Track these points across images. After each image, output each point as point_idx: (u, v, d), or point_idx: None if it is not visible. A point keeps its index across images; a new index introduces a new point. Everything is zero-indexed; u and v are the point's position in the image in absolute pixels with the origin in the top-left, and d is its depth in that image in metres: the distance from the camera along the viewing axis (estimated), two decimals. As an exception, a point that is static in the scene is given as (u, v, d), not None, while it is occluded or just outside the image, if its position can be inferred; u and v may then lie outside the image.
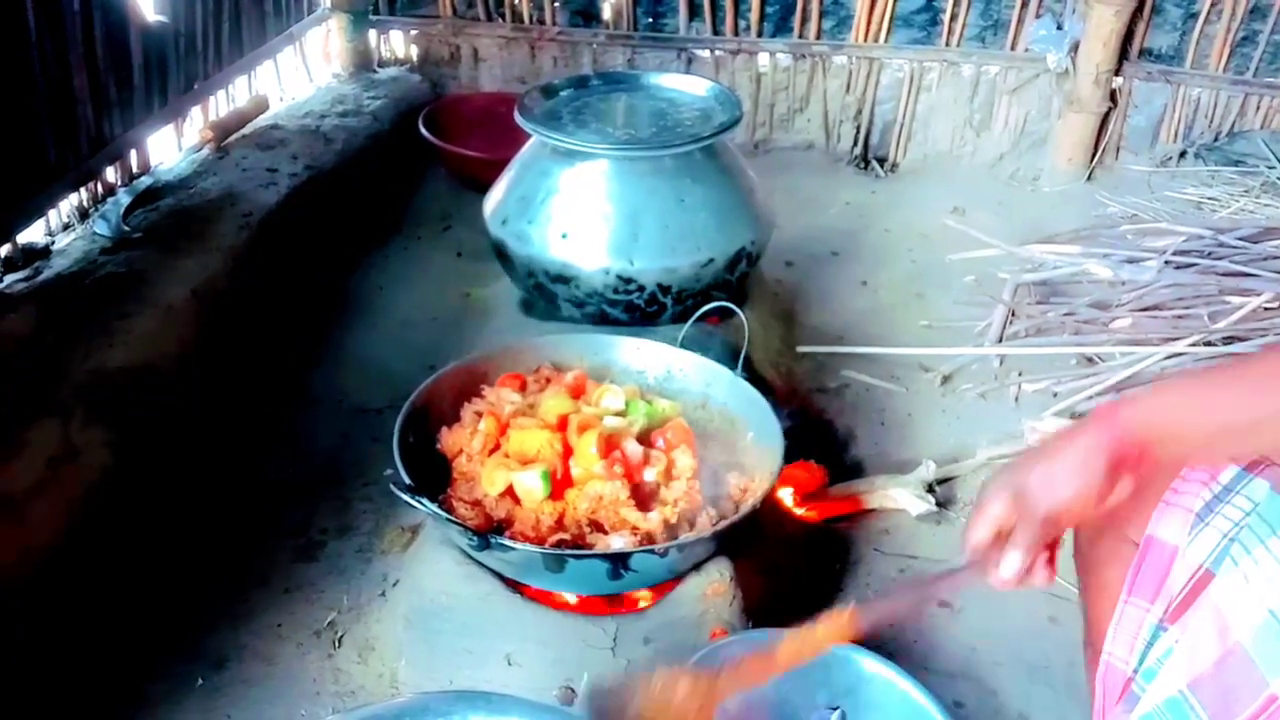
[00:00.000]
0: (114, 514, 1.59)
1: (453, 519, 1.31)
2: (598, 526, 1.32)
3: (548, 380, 1.57)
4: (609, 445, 1.36)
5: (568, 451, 1.38)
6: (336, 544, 1.67)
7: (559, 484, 1.35)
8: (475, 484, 1.38)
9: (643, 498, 1.36)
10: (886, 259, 2.60)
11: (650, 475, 1.37)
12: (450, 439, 1.45)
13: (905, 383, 2.10)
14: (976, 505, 0.95)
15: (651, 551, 1.28)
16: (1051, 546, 0.93)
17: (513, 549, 1.28)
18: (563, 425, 1.41)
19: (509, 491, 1.35)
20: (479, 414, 1.47)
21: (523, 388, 1.55)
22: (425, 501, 1.30)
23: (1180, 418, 0.91)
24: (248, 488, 1.78)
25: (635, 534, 1.31)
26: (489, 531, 1.31)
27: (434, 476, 1.43)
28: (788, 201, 2.71)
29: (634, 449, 1.37)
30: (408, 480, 1.33)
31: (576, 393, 1.51)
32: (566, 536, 1.31)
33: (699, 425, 1.53)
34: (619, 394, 1.50)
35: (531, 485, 1.33)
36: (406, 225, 2.64)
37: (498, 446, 1.42)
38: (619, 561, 1.27)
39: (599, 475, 1.33)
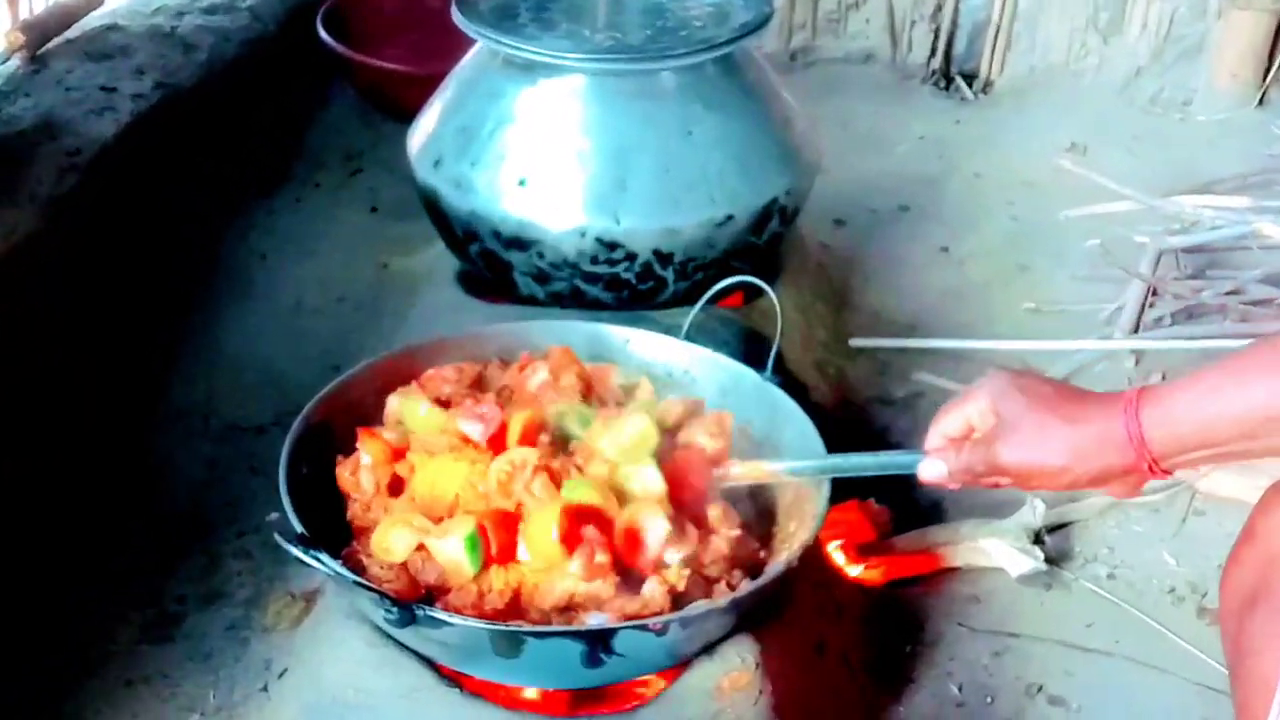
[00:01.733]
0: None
1: (363, 582, 1.31)
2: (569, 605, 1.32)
3: (474, 380, 1.54)
4: (573, 524, 1.31)
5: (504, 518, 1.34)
6: (200, 617, 1.67)
7: (500, 546, 1.32)
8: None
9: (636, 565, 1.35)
10: (977, 216, 2.61)
11: (674, 557, 1.33)
12: (344, 473, 1.45)
13: (1002, 390, 2.10)
14: (966, 392, 1.22)
15: (643, 628, 1.28)
16: (994, 484, 1.22)
17: (448, 624, 1.27)
18: (498, 442, 1.39)
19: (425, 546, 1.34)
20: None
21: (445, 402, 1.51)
22: (324, 558, 1.30)
23: (1214, 425, 1.07)
24: (74, 538, 1.77)
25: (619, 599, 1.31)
26: (415, 601, 1.30)
27: (339, 522, 1.43)
28: (838, 135, 2.72)
29: (656, 532, 1.32)
30: (300, 528, 1.33)
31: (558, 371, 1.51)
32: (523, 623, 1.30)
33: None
34: (646, 388, 1.53)
35: (454, 555, 1.31)
36: (300, 167, 2.64)
37: (400, 486, 1.42)
38: (598, 642, 1.27)
39: (571, 573, 1.30)
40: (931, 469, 1.24)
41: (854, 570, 1.75)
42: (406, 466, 1.43)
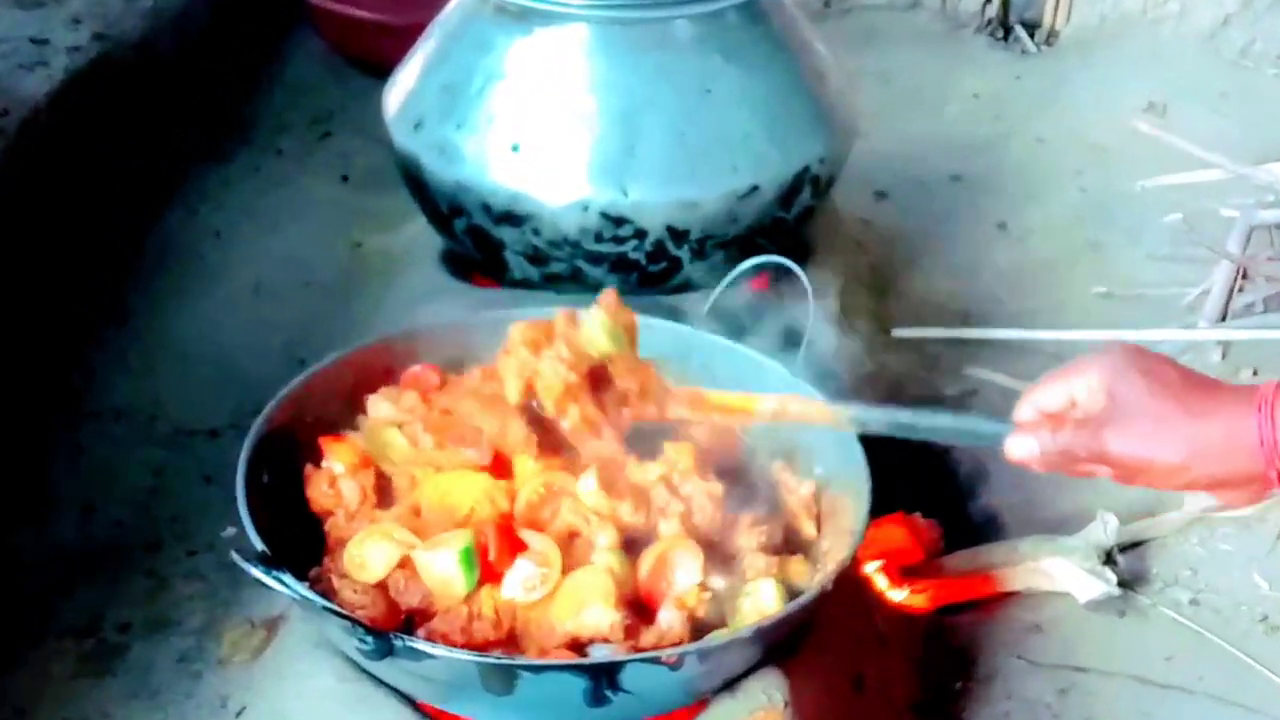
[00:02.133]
0: None
1: (333, 608, 1.31)
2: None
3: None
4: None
5: (504, 520, 1.37)
6: (145, 648, 1.68)
7: (500, 558, 1.34)
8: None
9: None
10: (1039, 186, 2.60)
11: (692, 579, 1.37)
12: (318, 485, 1.46)
13: (1069, 387, 2.10)
14: (1070, 366, 1.20)
15: (655, 661, 1.28)
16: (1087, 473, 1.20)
17: (430, 656, 1.28)
18: (499, 467, 1.41)
19: (409, 562, 1.35)
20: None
21: (437, 389, 1.54)
22: (288, 580, 1.30)
23: None
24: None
25: (631, 639, 1.32)
26: (393, 629, 1.31)
27: (306, 539, 1.43)
28: (880, 93, 2.72)
29: (687, 575, 1.35)
30: (260, 545, 1.33)
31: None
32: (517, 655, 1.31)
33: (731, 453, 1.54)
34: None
35: (445, 571, 1.33)
36: (260, 130, 2.65)
37: (385, 498, 1.43)
38: (603, 677, 1.27)
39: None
40: (1021, 446, 1.21)
41: (897, 595, 1.75)
42: (406, 478, 1.43)
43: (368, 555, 1.35)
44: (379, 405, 1.50)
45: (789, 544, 1.47)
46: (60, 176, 2.21)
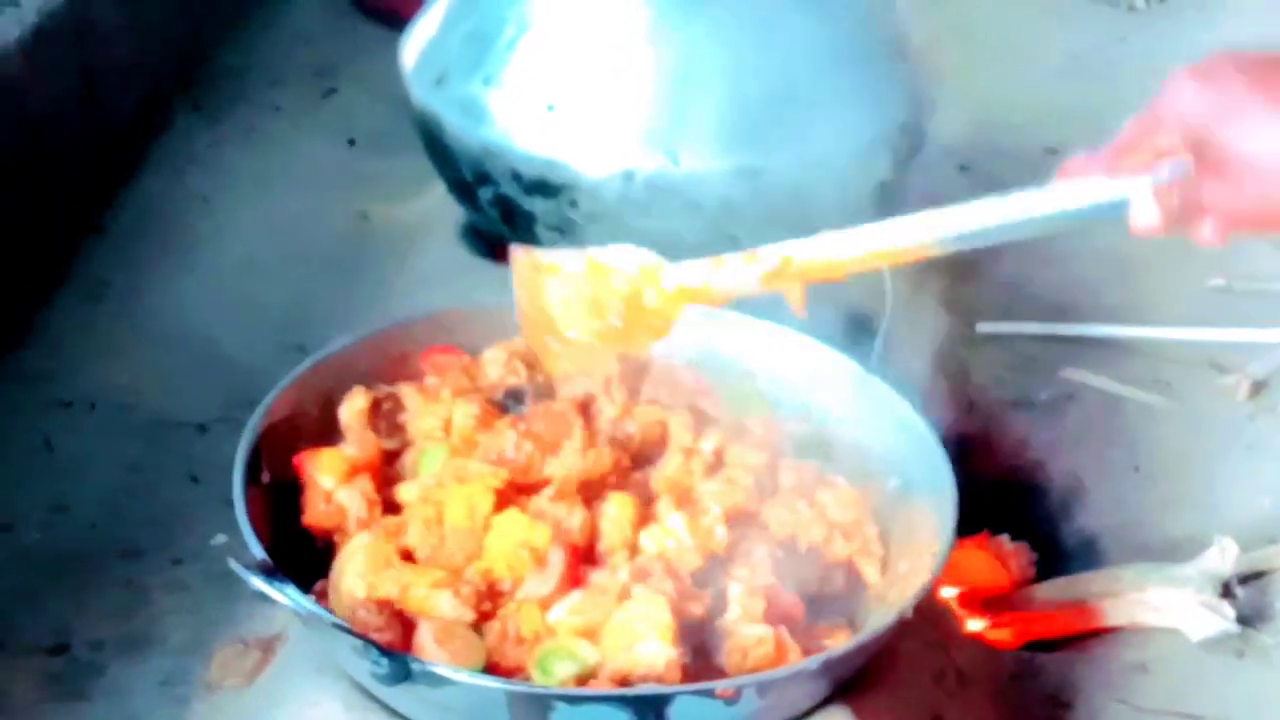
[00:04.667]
0: None
1: (343, 624, 1.32)
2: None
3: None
4: None
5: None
6: (122, 668, 1.69)
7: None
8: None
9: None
10: (1148, 162, 2.60)
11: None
12: (314, 506, 1.46)
13: (1180, 393, 2.11)
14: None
15: (708, 693, 1.29)
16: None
17: (451, 682, 1.29)
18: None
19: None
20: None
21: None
22: (293, 592, 1.31)
23: None
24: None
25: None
26: (410, 650, 1.32)
27: (309, 547, 1.44)
28: (964, 52, 2.70)
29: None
30: (260, 554, 1.34)
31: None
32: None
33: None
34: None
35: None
36: (255, 84, 2.66)
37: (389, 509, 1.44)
38: (649, 710, 1.28)
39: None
40: (1146, 207, 1.14)
41: (981, 626, 1.75)
42: (431, 506, 1.42)
43: (349, 581, 1.35)
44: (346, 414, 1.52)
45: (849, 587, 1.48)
46: (30, 134, 2.22)
